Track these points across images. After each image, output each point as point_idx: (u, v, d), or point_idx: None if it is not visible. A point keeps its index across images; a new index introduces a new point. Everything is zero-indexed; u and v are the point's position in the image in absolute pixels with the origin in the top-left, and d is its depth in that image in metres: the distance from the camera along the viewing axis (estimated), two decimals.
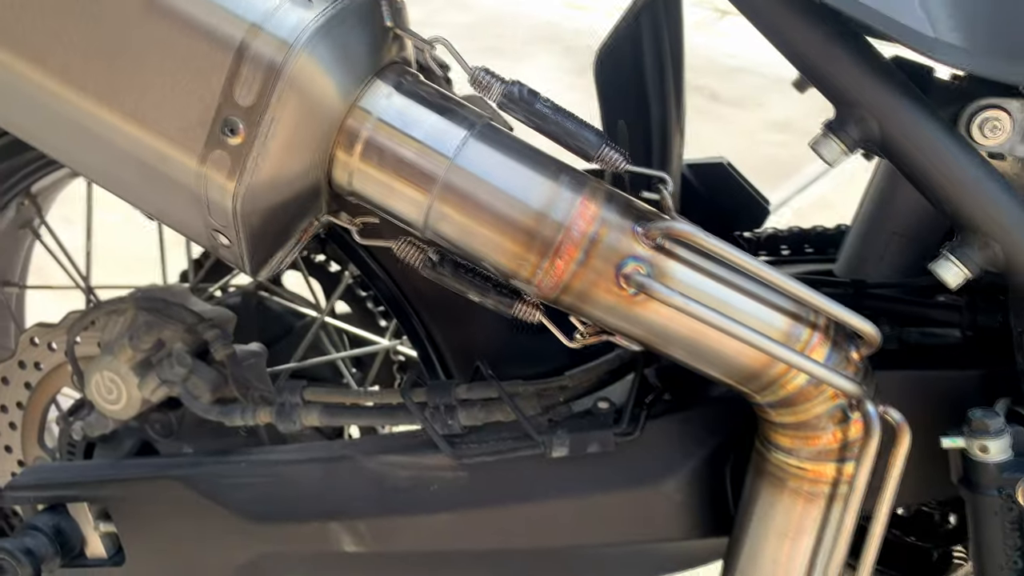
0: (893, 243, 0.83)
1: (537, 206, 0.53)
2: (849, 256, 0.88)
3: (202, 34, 0.49)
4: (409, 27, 0.55)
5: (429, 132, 0.53)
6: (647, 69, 0.74)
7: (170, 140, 0.51)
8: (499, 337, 0.82)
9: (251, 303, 1.17)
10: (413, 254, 0.59)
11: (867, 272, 0.84)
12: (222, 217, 0.53)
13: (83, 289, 1.13)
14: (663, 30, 0.74)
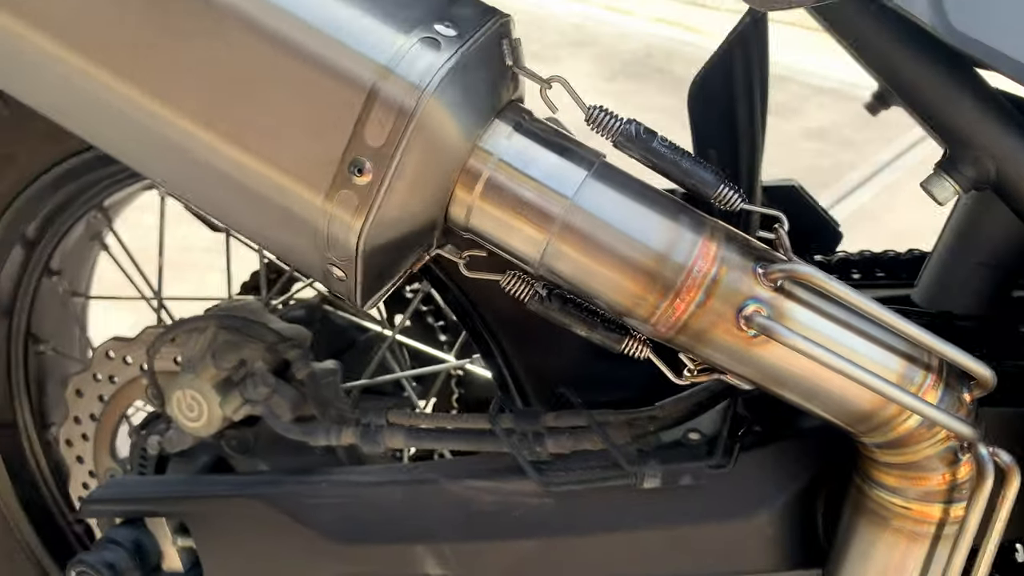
0: (978, 273, 0.83)
1: (658, 247, 0.53)
2: (929, 284, 0.88)
3: (333, 76, 0.49)
4: (526, 65, 0.55)
5: (549, 172, 0.53)
6: (738, 100, 0.74)
7: (296, 177, 0.52)
8: (578, 361, 0.82)
9: (315, 316, 1.18)
10: (521, 288, 0.59)
11: (950, 301, 0.84)
12: (341, 252, 0.54)
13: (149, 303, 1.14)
14: (753, 62, 0.74)
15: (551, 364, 0.84)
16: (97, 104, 0.55)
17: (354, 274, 0.55)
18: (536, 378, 0.86)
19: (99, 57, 0.53)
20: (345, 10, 0.50)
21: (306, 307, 1.18)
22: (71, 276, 1.18)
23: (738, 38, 0.72)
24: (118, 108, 0.54)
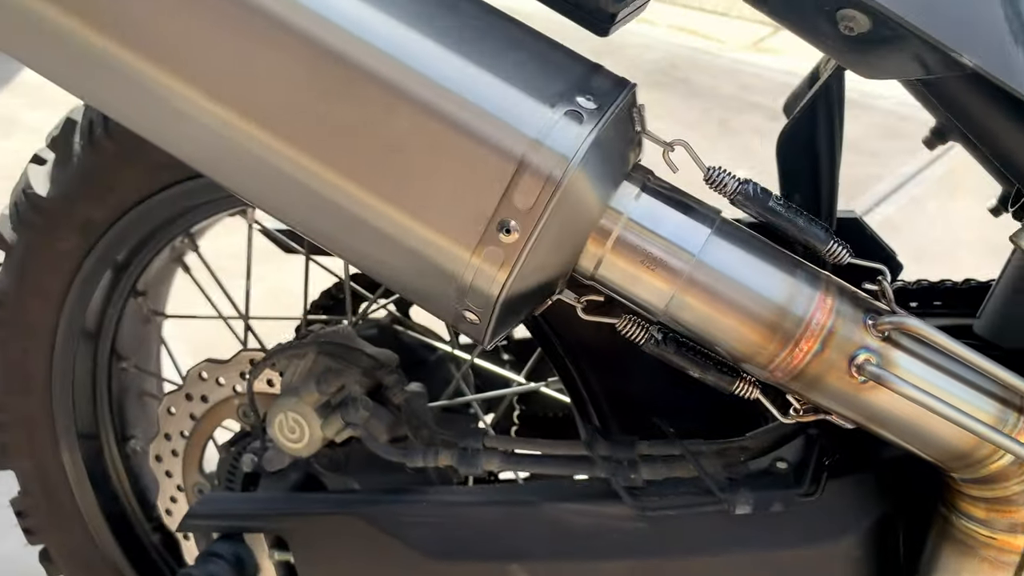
0: None
1: (779, 300, 0.58)
2: (993, 317, 0.91)
3: (487, 146, 0.54)
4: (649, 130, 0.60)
5: (675, 231, 0.58)
6: (820, 147, 0.79)
7: (443, 234, 0.56)
8: (659, 389, 0.86)
9: (387, 335, 1.23)
10: (636, 331, 0.63)
11: (1014, 335, 0.88)
12: (480, 301, 0.58)
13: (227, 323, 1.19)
14: (835, 111, 0.79)
15: (631, 391, 0.88)
16: (249, 158, 0.60)
17: (488, 319, 0.60)
18: (616, 404, 0.90)
19: (262, 119, 0.57)
20: (497, 84, 0.55)
21: (378, 326, 1.23)
22: (154, 296, 1.23)
23: (823, 90, 0.77)
24: (274, 164, 0.58)
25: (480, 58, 0.56)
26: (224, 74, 0.57)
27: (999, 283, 0.94)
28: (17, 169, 1.09)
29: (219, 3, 0.56)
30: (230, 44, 0.56)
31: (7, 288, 1.11)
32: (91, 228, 1.05)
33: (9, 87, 3.68)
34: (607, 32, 0.64)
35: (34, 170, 1.06)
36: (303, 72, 0.56)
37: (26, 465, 1.23)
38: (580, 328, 0.80)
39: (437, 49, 0.55)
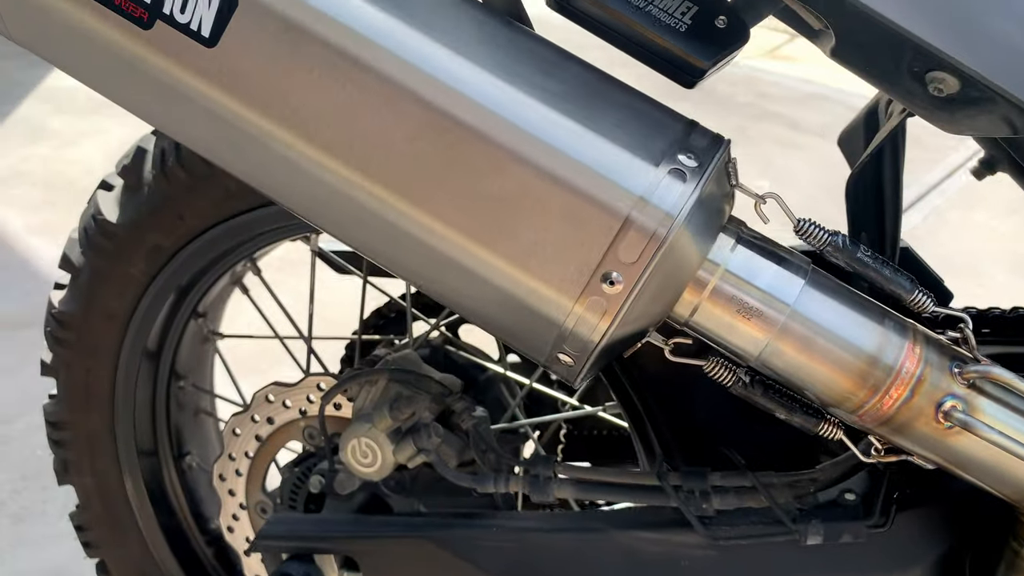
0: None
1: (870, 350, 0.60)
2: None
3: (594, 203, 0.57)
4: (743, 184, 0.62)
5: (770, 281, 0.60)
6: (885, 188, 0.81)
7: (548, 283, 0.59)
8: (722, 419, 0.89)
9: (438, 356, 1.26)
10: (724, 374, 0.66)
11: None
12: (578, 346, 0.61)
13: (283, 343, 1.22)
14: (899, 154, 0.82)
15: (693, 420, 0.91)
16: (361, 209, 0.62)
17: (584, 363, 0.62)
18: (678, 432, 0.93)
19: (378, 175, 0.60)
20: (604, 144, 0.57)
21: (430, 347, 1.26)
22: (212, 317, 1.26)
23: (889, 135, 0.79)
24: (385, 215, 0.61)
25: (587, 119, 0.58)
26: (341, 130, 0.60)
27: None
28: (48, 176, 1.11)
29: (336, 64, 0.59)
30: (346, 102, 0.59)
31: (73, 310, 1.13)
32: (159, 253, 1.08)
33: (34, 93, 3.72)
34: (693, 85, 0.66)
35: (103, 196, 1.09)
36: (420, 131, 0.58)
37: (87, 481, 1.26)
38: (644, 357, 0.83)
39: (546, 110, 0.58)
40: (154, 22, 0.62)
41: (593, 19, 0.65)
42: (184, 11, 0.62)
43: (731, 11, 0.64)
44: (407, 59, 0.58)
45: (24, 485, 1.92)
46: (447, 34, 0.59)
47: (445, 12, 0.61)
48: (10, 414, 2.12)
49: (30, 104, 3.61)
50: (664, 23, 0.63)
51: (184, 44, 0.62)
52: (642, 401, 0.93)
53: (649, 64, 0.67)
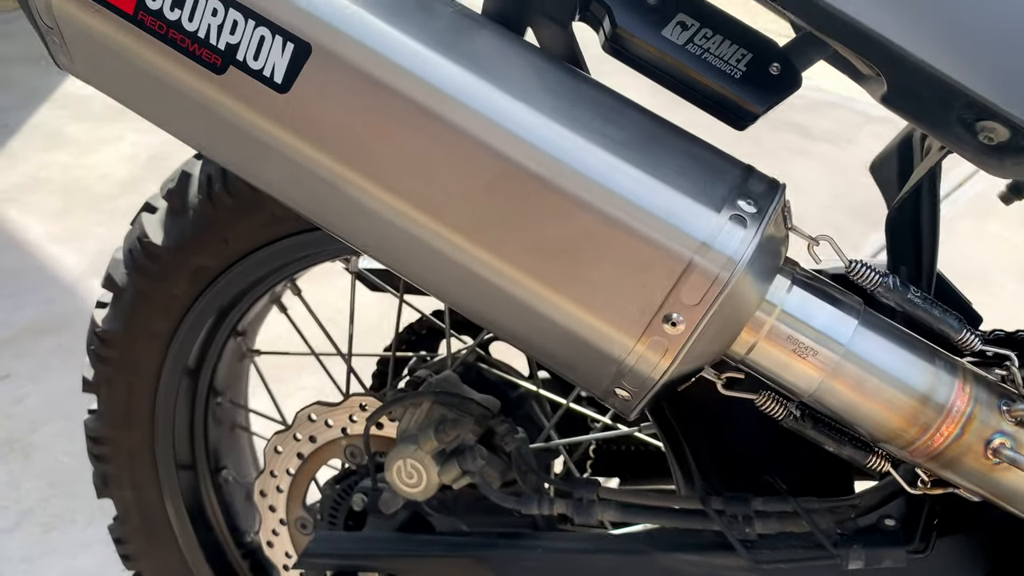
0: None
1: (922, 389, 0.62)
2: None
3: (658, 247, 0.59)
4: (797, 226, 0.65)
5: (825, 322, 0.63)
6: (923, 223, 0.84)
7: (610, 323, 0.61)
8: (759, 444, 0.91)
9: (471, 373, 1.28)
10: (775, 408, 0.68)
11: None
12: (637, 383, 0.63)
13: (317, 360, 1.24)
14: (936, 190, 0.84)
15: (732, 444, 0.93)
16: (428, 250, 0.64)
17: (642, 398, 0.65)
18: (712, 453, 0.95)
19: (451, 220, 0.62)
20: (667, 191, 0.59)
21: (463, 364, 1.28)
22: (250, 334, 1.28)
23: (928, 173, 0.81)
24: (450, 255, 0.63)
25: (650, 165, 0.60)
26: (412, 177, 0.62)
27: None
28: (66, 183, 1.12)
29: (408, 113, 0.61)
30: (418, 149, 0.61)
31: (116, 329, 1.16)
32: (202, 275, 1.10)
33: (51, 100, 3.75)
34: (744, 127, 0.69)
35: (148, 218, 1.11)
36: (490, 179, 0.60)
37: (126, 495, 1.28)
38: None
39: (611, 158, 0.60)
40: (227, 67, 0.64)
41: (649, 64, 0.67)
42: (257, 58, 0.64)
43: (784, 57, 0.66)
44: (479, 110, 0.60)
45: (52, 493, 1.95)
46: (515, 85, 0.62)
47: (511, 62, 0.63)
48: (35, 421, 2.15)
49: (47, 110, 3.64)
50: (720, 70, 0.66)
51: (256, 89, 0.64)
52: (680, 425, 0.96)
53: (702, 107, 0.69)
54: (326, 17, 0.62)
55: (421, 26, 0.63)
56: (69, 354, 2.35)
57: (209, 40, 0.64)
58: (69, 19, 0.68)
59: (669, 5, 0.66)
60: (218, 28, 0.64)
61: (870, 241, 3.01)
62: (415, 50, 0.62)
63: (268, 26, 0.63)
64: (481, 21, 0.66)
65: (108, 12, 0.66)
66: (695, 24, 0.66)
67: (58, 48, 0.72)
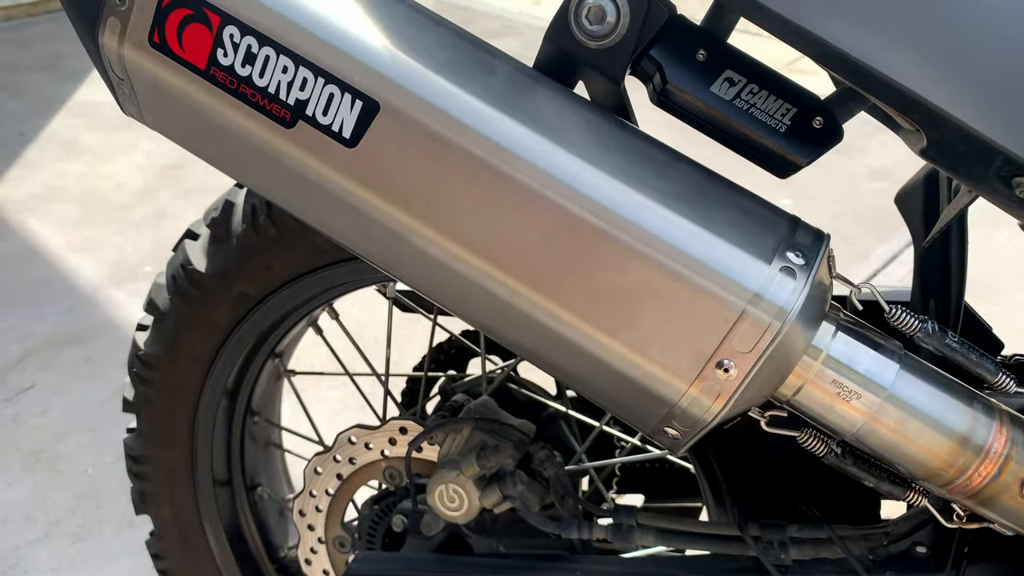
0: None
1: (962, 431, 0.65)
2: None
3: (712, 297, 0.62)
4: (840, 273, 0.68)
5: (869, 366, 0.66)
6: (952, 259, 0.87)
7: (664, 368, 0.64)
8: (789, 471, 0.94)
9: (501, 393, 1.31)
10: (817, 445, 0.71)
11: None
12: (688, 424, 0.66)
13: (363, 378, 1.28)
14: (964, 225, 0.87)
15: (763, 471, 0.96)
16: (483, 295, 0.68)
17: (691, 438, 0.68)
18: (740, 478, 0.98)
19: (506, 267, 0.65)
20: (719, 243, 0.63)
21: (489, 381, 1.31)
22: (287, 356, 1.32)
23: (958, 215, 0.84)
24: (510, 301, 0.66)
25: (703, 218, 0.63)
26: (477, 229, 0.65)
27: None
28: (83, 192, 1.14)
29: (474, 169, 0.64)
30: (483, 203, 0.64)
31: (158, 352, 1.19)
32: (244, 301, 1.14)
33: (66, 108, 3.78)
34: (786, 176, 0.72)
35: (191, 245, 1.14)
36: (552, 232, 0.63)
37: (164, 511, 1.31)
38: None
39: (666, 212, 0.63)
40: (296, 122, 0.68)
41: (695, 115, 0.70)
42: (327, 114, 0.67)
43: (826, 111, 0.69)
44: (539, 166, 0.63)
45: (78, 504, 1.98)
46: (572, 141, 0.65)
47: (568, 118, 0.66)
48: (59, 432, 2.18)
49: (62, 119, 3.67)
50: (765, 123, 0.69)
51: (325, 143, 0.67)
52: (714, 451, 0.99)
53: (746, 156, 0.72)
54: (393, 76, 0.66)
55: (482, 84, 0.66)
56: (92, 365, 2.38)
57: (279, 96, 0.67)
58: (141, 72, 0.71)
59: (717, 61, 0.69)
60: (288, 85, 0.67)
61: (878, 252, 3.05)
62: (477, 108, 0.65)
63: (337, 84, 0.66)
64: (536, 77, 0.69)
65: (180, 67, 0.69)
66: (742, 80, 0.69)
67: (127, 98, 0.75)
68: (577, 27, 0.67)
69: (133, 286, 2.69)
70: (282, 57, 0.67)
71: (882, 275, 2.94)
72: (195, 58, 0.69)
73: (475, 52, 0.68)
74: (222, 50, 0.68)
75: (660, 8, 0.66)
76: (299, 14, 0.67)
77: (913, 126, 0.66)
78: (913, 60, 0.61)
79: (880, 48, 0.62)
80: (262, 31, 0.67)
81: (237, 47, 0.68)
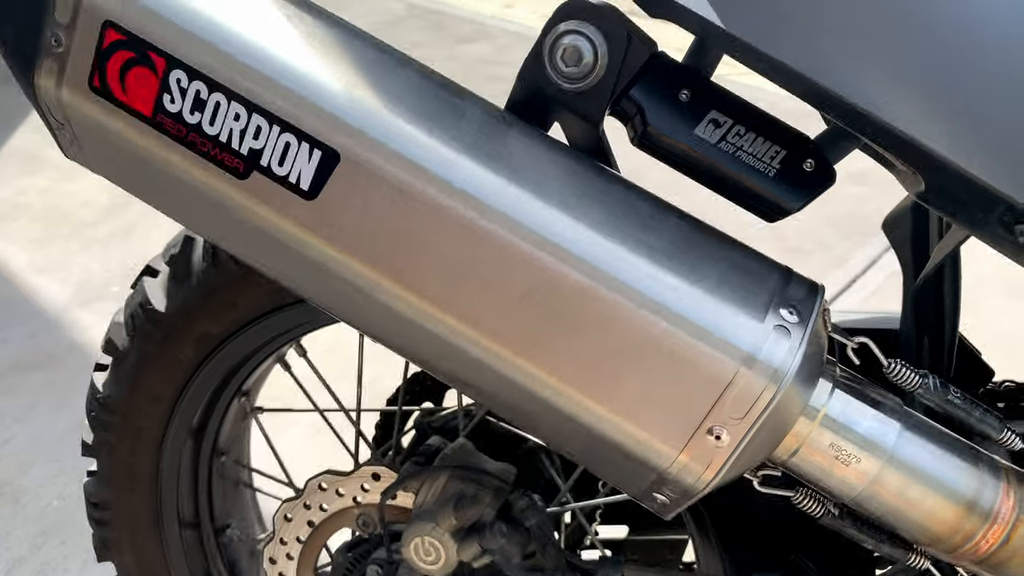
0: None
1: (968, 495, 0.62)
2: None
3: (702, 358, 0.58)
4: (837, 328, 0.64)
5: (869, 427, 0.62)
6: (946, 296, 0.83)
7: (652, 434, 0.60)
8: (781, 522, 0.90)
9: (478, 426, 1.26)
10: (813, 506, 0.67)
11: None
12: (679, 491, 0.62)
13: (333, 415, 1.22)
14: (958, 261, 0.84)
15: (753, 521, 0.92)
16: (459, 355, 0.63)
17: (678, 503, 0.64)
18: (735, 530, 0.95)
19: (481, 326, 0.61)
20: (708, 300, 0.58)
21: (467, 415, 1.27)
22: (255, 393, 1.26)
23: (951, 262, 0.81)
24: (487, 364, 0.62)
25: (691, 274, 0.59)
26: (450, 285, 0.60)
27: None
28: (47, 210, 1.07)
29: (445, 222, 0.60)
30: (455, 258, 0.60)
31: (118, 394, 1.13)
32: (208, 340, 1.08)
33: (29, 122, 3.68)
34: (775, 220, 0.68)
35: (150, 283, 1.09)
36: (529, 289, 0.59)
37: (127, 558, 1.26)
38: None
39: (651, 268, 0.59)
40: (250, 173, 0.63)
41: (679, 158, 0.66)
42: (283, 164, 0.62)
43: (818, 153, 0.65)
44: (516, 218, 0.59)
45: (43, 540, 1.91)
46: (551, 191, 0.60)
47: (545, 166, 0.62)
48: (24, 462, 2.11)
49: (25, 133, 3.57)
50: (754, 168, 0.65)
51: (281, 195, 0.62)
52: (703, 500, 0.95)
53: (733, 200, 0.68)
54: (354, 123, 0.61)
55: (452, 130, 0.62)
56: (58, 391, 2.31)
57: (231, 145, 0.62)
58: (82, 118, 0.66)
59: (702, 102, 0.64)
60: (241, 133, 0.62)
61: (856, 257, 3.03)
62: (447, 156, 0.61)
63: (294, 132, 0.61)
64: (509, 120, 0.64)
65: (124, 113, 0.64)
66: (728, 121, 0.65)
67: (69, 143, 0.70)
68: (552, 68, 0.62)
69: (100, 306, 2.61)
70: (234, 103, 0.62)
71: (861, 281, 2.92)
72: (140, 104, 0.64)
73: (443, 95, 0.64)
74: (169, 96, 0.63)
75: (640, 47, 0.62)
76: (251, 56, 0.62)
77: (910, 169, 0.62)
78: (912, 104, 0.57)
79: (876, 90, 0.58)
80: (212, 75, 0.62)
81: (185, 92, 0.63)
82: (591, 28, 0.61)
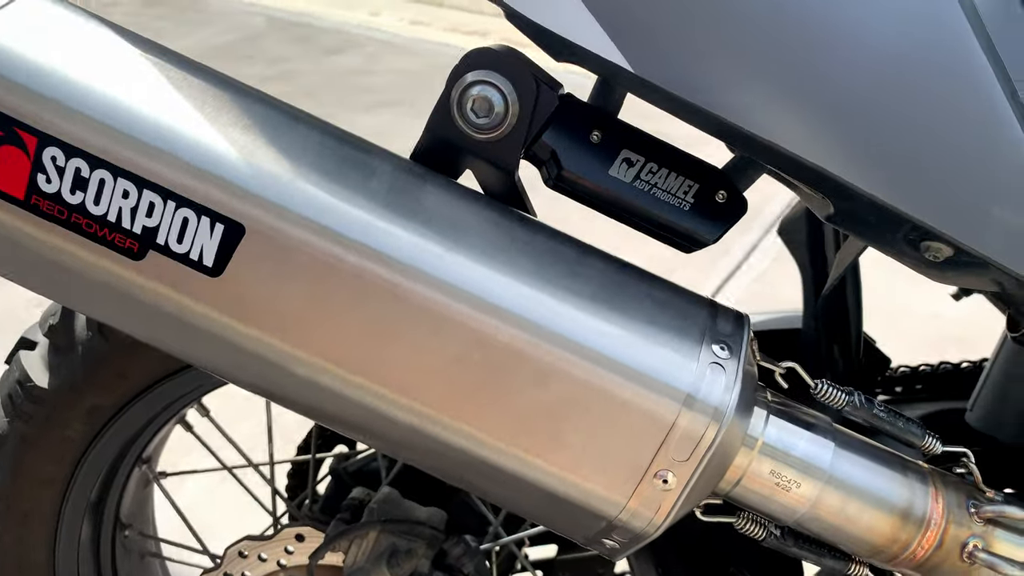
0: None
1: (901, 505, 0.63)
2: (986, 407, 1.01)
3: (641, 406, 0.57)
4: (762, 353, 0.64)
5: (806, 450, 0.63)
6: (849, 301, 0.87)
7: (598, 485, 0.59)
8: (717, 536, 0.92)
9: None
10: (755, 530, 0.68)
11: (1013, 428, 0.98)
12: (628, 536, 0.61)
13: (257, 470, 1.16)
14: (857, 270, 0.87)
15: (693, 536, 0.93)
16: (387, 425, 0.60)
17: (627, 548, 0.63)
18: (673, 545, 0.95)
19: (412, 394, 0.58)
20: (641, 343, 0.57)
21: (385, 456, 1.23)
22: (156, 459, 1.18)
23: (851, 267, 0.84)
24: (419, 431, 0.59)
25: (620, 319, 0.58)
26: (375, 355, 0.57)
27: (990, 372, 1.04)
28: None
29: (363, 290, 0.57)
30: (377, 326, 0.57)
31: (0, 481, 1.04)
32: (99, 414, 1.01)
33: None
34: (692, 251, 0.68)
35: (28, 357, 1.00)
36: (457, 352, 0.57)
37: None
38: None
39: (581, 316, 0.58)
40: (146, 253, 0.58)
41: (597, 199, 0.66)
42: (182, 241, 0.57)
43: (729, 183, 0.66)
44: (438, 277, 0.56)
45: None
46: (471, 246, 0.58)
47: (463, 220, 0.60)
48: None
49: None
50: (668, 204, 0.65)
51: (183, 274, 0.58)
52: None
53: (651, 235, 0.68)
54: (256, 191, 0.57)
55: (362, 190, 0.58)
56: None
57: (122, 225, 0.57)
58: None
59: (613, 141, 0.64)
60: (131, 211, 0.57)
61: (739, 244, 3.14)
62: (360, 218, 0.57)
63: (190, 206, 0.57)
64: (421, 174, 0.62)
65: None
66: (640, 159, 0.64)
67: None
68: (462, 120, 0.60)
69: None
70: (120, 179, 0.57)
71: (745, 266, 3.03)
72: (11, 187, 0.58)
73: (348, 151, 0.61)
74: (44, 176, 0.57)
75: (549, 92, 0.61)
76: (133, 125, 0.57)
77: (818, 194, 0.64)
78: (819, 134, 0.58)
79: (780, 122, 0.59)
80: (90, 150, 0.57)
81: (63, 171, 0.57)
82: (498, 77, 0.59)
